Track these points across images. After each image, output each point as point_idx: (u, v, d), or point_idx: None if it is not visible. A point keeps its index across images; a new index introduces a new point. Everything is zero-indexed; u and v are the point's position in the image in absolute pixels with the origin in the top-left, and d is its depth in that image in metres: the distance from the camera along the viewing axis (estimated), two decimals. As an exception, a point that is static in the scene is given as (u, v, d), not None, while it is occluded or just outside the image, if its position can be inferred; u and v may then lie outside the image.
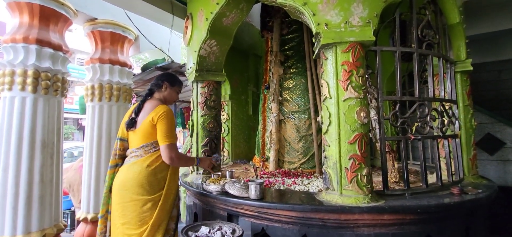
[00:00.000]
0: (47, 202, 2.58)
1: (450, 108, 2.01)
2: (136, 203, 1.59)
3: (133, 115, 1.76)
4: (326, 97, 1.63)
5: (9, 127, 2.46)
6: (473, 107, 3.40)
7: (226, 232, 1.45)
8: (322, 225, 1.49)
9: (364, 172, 1.51)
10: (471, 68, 2.10)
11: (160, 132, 1.64)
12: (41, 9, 2.59)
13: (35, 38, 2.53)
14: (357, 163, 1.50)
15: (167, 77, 1.89)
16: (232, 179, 1.93)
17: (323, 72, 1.67)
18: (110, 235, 1.76)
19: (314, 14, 1.64)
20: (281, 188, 2.09)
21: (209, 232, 1.45)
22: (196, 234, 1.44)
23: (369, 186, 1.52)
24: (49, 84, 2.61)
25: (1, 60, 2.53)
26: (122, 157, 1.81)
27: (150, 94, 1.83)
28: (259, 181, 1.72)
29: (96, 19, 3.16)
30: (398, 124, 1.71)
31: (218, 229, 1.46)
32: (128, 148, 1.81)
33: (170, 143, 1.63)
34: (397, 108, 1.71)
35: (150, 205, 1.59)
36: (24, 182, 2.44)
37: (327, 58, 1.64)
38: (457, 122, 2.03)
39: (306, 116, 3.03)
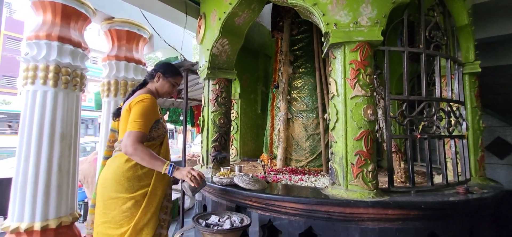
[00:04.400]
0: (64, 191, 2.71)
1: (458, 109, 2.02)
2: (116, 202, 1.43)
3: (120, 104, 1.65)
4: (333, 95, 1.68)
5: (31, 119, 2.61)
6: (484, 110, 3.36)
7: (235, 221, 1.52)
8: (328, 217, 1.54)
9: (370, 168, 1.55)
10: (480, 70, 2.10)
11: (130, 118, 1.45)
12: (63, 7, 2.74)
13: (57, 35, 2.67)
14: (363, 158, 1.55)
15: (161, 66, 1.72)
16: (241, 173, 2.00)
17: (331, 70, 1.72)
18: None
19: (323, 14, 1.70)
20: (289, 184, 2.15)
21: (219, 220, 1.52)
22: (207, 221, 1.51)
23: (374, 182, 1.56)
24: (69, 79, 2.75)
25: (25, 56, 2.68)
26: (113, 150, 1.67)
27: (143, 84, 1.71)
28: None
29: (113, 18, 3.30)
30: (404, 123, 1.74)
31: (227, 218, 1.53)
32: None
33: (132, 129, 1.41)
34: (404, 107, 1.74)
35: (130, 205, 1.42)
36: (43, 172, 2.58)
37: (335, 57, 1.69)
38: (464, 122, 2.04)
39: (314, 116, 3.08)
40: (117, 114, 1.66)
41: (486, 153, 3.46)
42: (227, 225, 1.45)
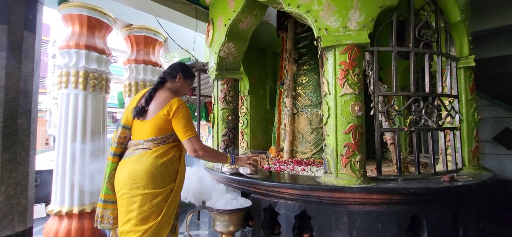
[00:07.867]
0: (96, 180, 3.10)
1: (450, 102, 2.13)
2: (146, 197, 1.51)
3: (143, 103, 1.64)
4: (326, 93, 1.86)
5: (66, 118, 3.00)
6: (492, 100, 3.36)
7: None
8: (319, 201, 1.75)
9: (357, 158, 1.74)
10: (474, 64, 2.18)
11: (179, 127, 1.58)
12: (88, 19, 3.09)
13: (84, 44, 3.03)
14: (351, 150, 1.73)
15: (181, 68, 1.80)
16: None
17: (324, 71, 1.90)
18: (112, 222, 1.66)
19: (316, 20, 1.87)
20: (291, 173, 2.37)
21: (225, 204, 1.78)
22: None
23: (361, 171, 1.74)
24: (96, 83, 3.11)
25: (59, 63, 3.07)
26: (123, 147, 1.67)
27: (162, 83, 1.73)
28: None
29: (131, 24, 3.62)
30: (393, 117, 1.90)
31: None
32: (129, 138, 1.69)
33: (191, 136, 1.59)
34: (392, 103, 1.89)
35: (160, 199, 1.53)
36: (78, 163, 2.98)
37: (327, 59, 1.87)
38: (457, 115, 2.15)
39: (318, 110, 3.25)
40: (141, 113, 1.62)
41: (494, 144, 3.48)
42: (231, 207, 1.71)
